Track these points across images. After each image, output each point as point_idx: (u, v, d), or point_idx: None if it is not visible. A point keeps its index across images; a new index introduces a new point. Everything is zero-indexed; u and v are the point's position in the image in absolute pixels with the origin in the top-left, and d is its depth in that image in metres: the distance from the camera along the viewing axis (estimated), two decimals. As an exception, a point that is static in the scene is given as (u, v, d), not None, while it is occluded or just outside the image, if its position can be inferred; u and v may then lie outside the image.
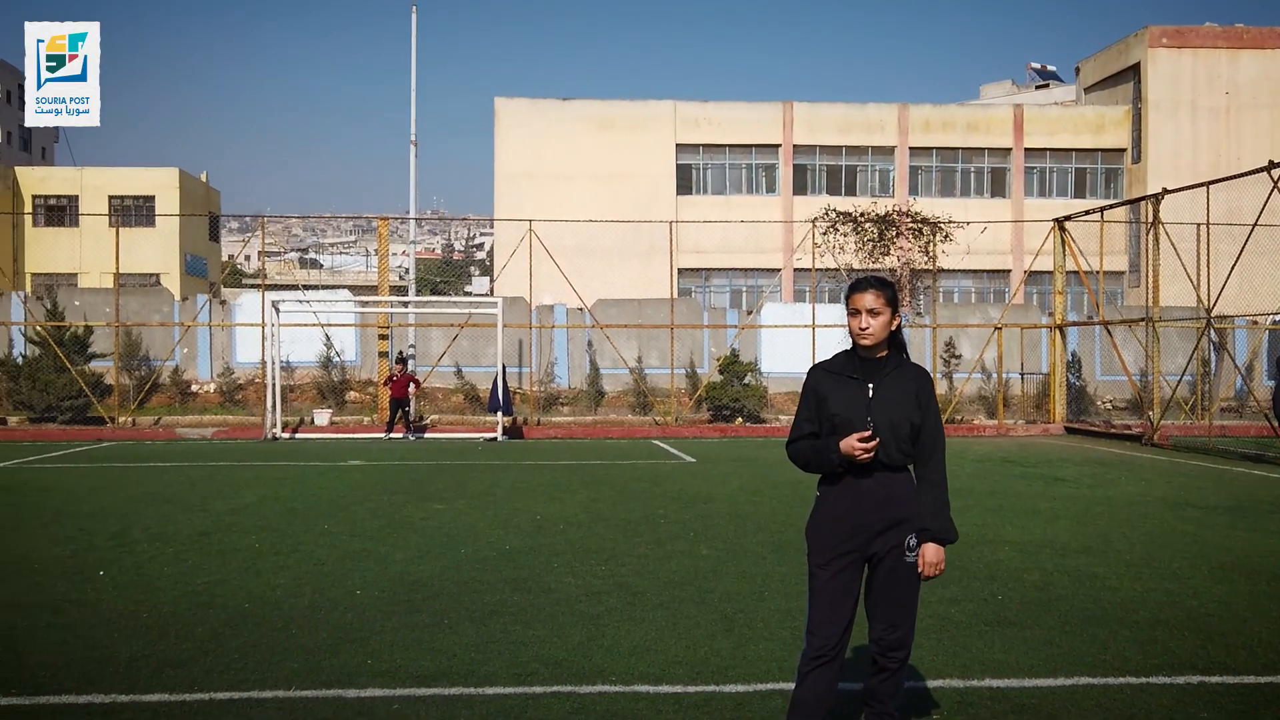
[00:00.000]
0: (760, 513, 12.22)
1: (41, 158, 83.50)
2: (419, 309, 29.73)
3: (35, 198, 48.19)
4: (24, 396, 25.96)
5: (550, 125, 39.91)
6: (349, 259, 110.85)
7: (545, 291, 29.91)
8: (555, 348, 30.75)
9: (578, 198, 37.84)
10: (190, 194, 49.73)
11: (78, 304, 29.89)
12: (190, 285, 46.20)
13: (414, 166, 28.55)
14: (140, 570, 8.75)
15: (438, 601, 7.66)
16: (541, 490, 14.40)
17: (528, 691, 5.67)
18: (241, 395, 29.13)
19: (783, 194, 41.12)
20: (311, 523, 11.37)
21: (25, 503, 12.94)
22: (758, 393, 27.69)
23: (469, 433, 25.51)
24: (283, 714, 5.28)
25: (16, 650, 6.33)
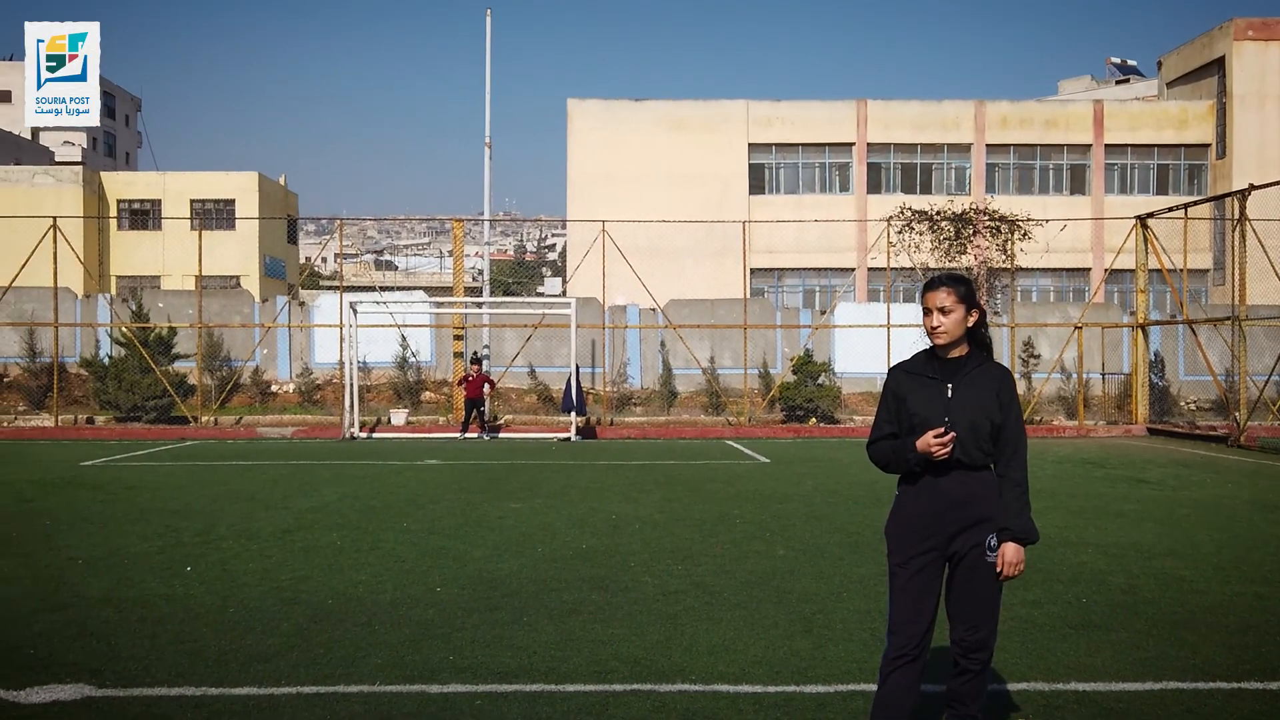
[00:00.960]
0: (836, 513, 12.14)
1: (125, 162, 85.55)
2: (493, 310, 29.96)
3: (120, 202, 49.34)
4: (111, 396, 26.59)
5: (623, 126, 40.00)
6: (422, 260, 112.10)
7: (618, 292, 30.00)
8: (628, 348, 30.82)
9: (650, 198, 37.88)
10: (269, 197, 50.60)
11: (161, 306, 30.55)
12: (269, 287, 47.00)
13: (488, 168, 28.79)
14: (226, 566, 8.92)
15: (517, 599, 7.72)
16: (616, 490, 14.44)
17: (608, 689, 5.69)
18: (320, 395, 29.57)
19: (857, 193, 40.82)
20: (390, 521, 11.51)
21: (114, 500, 13.25)
22: (832, 393, 27.51)
23: (543, 433, 25.65)
24: (368, 708, 5.36)
25: (110, 643, 6.48)
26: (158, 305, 30.47)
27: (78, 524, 11.22)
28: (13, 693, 5.51)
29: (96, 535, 10.49)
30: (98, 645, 6.43)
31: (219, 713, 5.27)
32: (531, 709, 5.39)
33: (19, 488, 14.35)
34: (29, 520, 11.44)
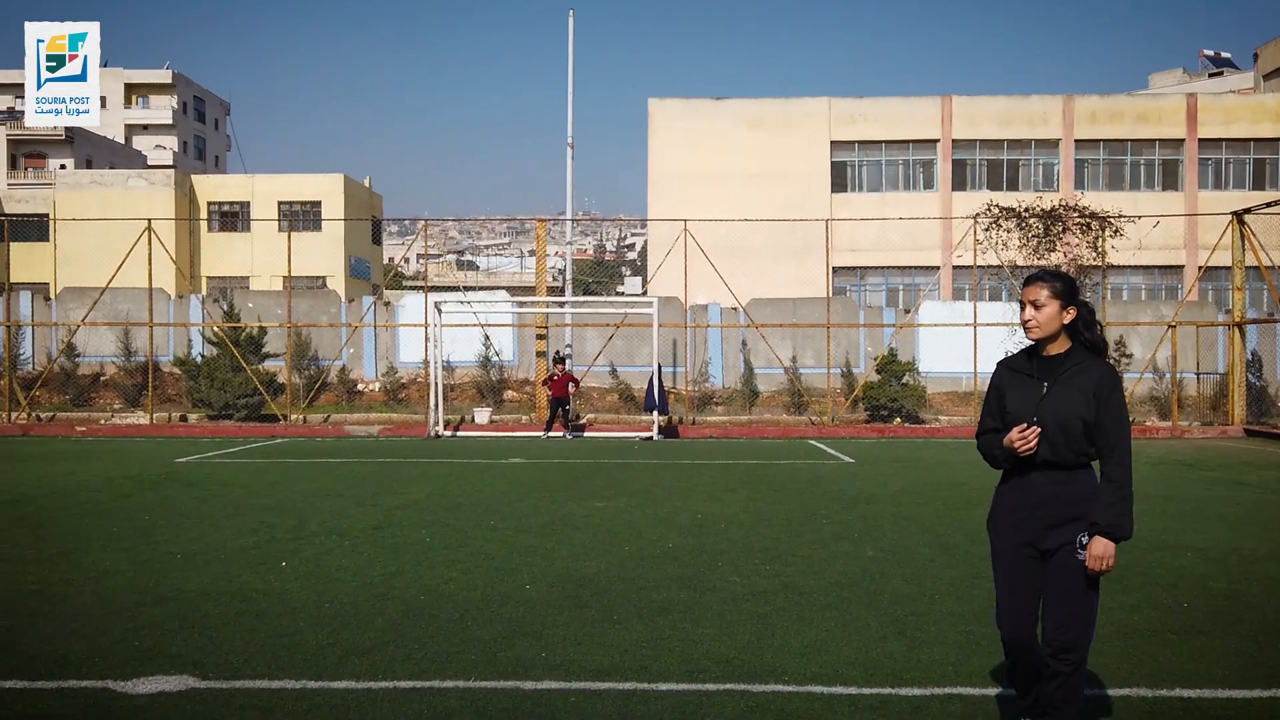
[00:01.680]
0: (924, 515, 12.00)
1: (215, 166, 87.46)
2: (576, 309, 30.10)
3: (210, 204, 50.46)
4: (203, 395, 27.19)
5: (703, 125, 39.94)
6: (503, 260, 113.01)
7: (699, 291, 29.95)
8: (709, 347, 30.77)
9: (731, 197, 37.76)
10: (354, 199, 51.39)
11: (251, 306, 31.17)
12: (354, 287, 47.72)
13: (570, 169, 28.95)
14: (319, 562, 9.06)
15: (606, 597, 7.73)
16: (700, 489, 14.42)
17: (701, 689, 5.67)
18: (404, 394, 29.94)
19: (941, 190, 40.31)
20: (478, 518, 11.61)
21: (209, 496, 13.54)
22: (916, 393, 27.20)
23: (625, 432, 25.71)
24: (464, 703, 5.40)
25: (211, 636, 6.62)
26: (247, 305, 31.09)
27: (175, 519, 11.48)
28: (121, 683, 5.65)
29: (193, 530, 10.72)
30: (199, 638, 6.57)
31: (319, 705, 5.35)
32: (625, 707, 5.39)
33: (118, 483, 14.72)
34: (128, 515, 11.73)
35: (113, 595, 7.74)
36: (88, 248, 41.22)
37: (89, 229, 39.01)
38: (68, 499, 13.13)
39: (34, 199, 50.41)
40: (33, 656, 6.14)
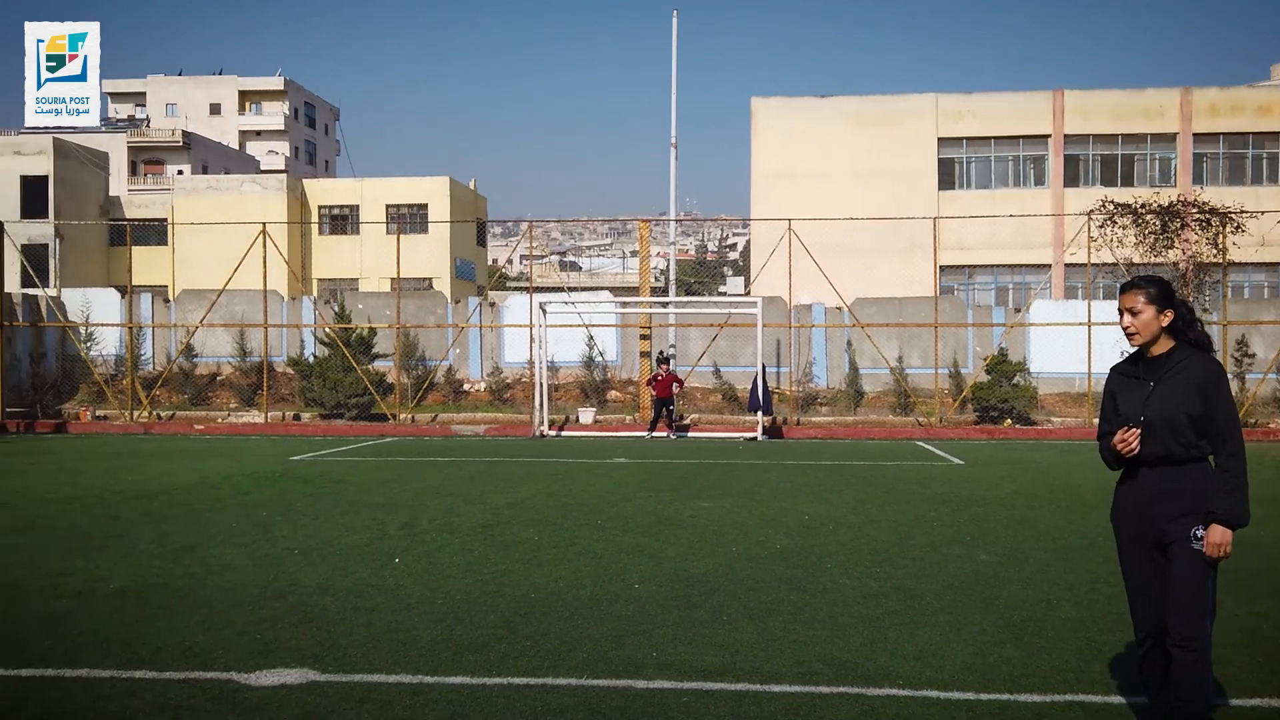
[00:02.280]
0: (1039, 517, 11.75)
1: (325, 170, 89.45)
2: (679, 309, 30.10)
3: (321, 208, 51.59)
4: (316, 394, 27.81)
5: (807, 123, 39.63)
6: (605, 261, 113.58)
7: (803, 290, 29.72)
8: (813, 347, 30.52)
9: (835, 195, 37.40)
10: (459, 201, 52.09)
11: (361, 307, 31.78)
12: (459, 289, 48.37)
13: (674, 169, 28.94)
14: (431, 559, 9.19)
15: (715, 598, 7.71)
16: (806, 490, 14.31)
17: (814, 691, 5.62)
18: (509, 394, 30.25)
19: (1052, 186, 39.42)
20: (585, 518, 11.67)
21: (323, 493, 13.83)
22: (1028, 393, 26.66)
23: (728, 432, 25.64)
24: (577, 701, 5.43)
25: (329, 630, 6.76)
26: (357, 307, 31.70)
27: (291, 515, 11.75)
28: (244, 675, 5.80)
29: (309, 527, 10.96)
30: (318, 632, 6.71)
31: (435, 700, 5.42)
32: (738, 708, 5.36)
33: (236, 481, 15.13)
34: (247, 512, 12.04)
35: (235, 589, 7.95)
36: (204, 251, 42.47)
37: (205, 232, 40.17)
38: (189, 495, 13.52)
39: (153, 204, 52.05)
40: (160, 648, 6.34)
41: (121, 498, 13.20)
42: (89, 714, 5.19)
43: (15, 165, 46.88)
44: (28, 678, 5.76)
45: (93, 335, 30.52)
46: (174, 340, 31.63)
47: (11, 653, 6.23)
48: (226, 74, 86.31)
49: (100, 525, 10.97)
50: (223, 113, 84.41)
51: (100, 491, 13.81)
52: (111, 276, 47.16)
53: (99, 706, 5.30)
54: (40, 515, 11.67)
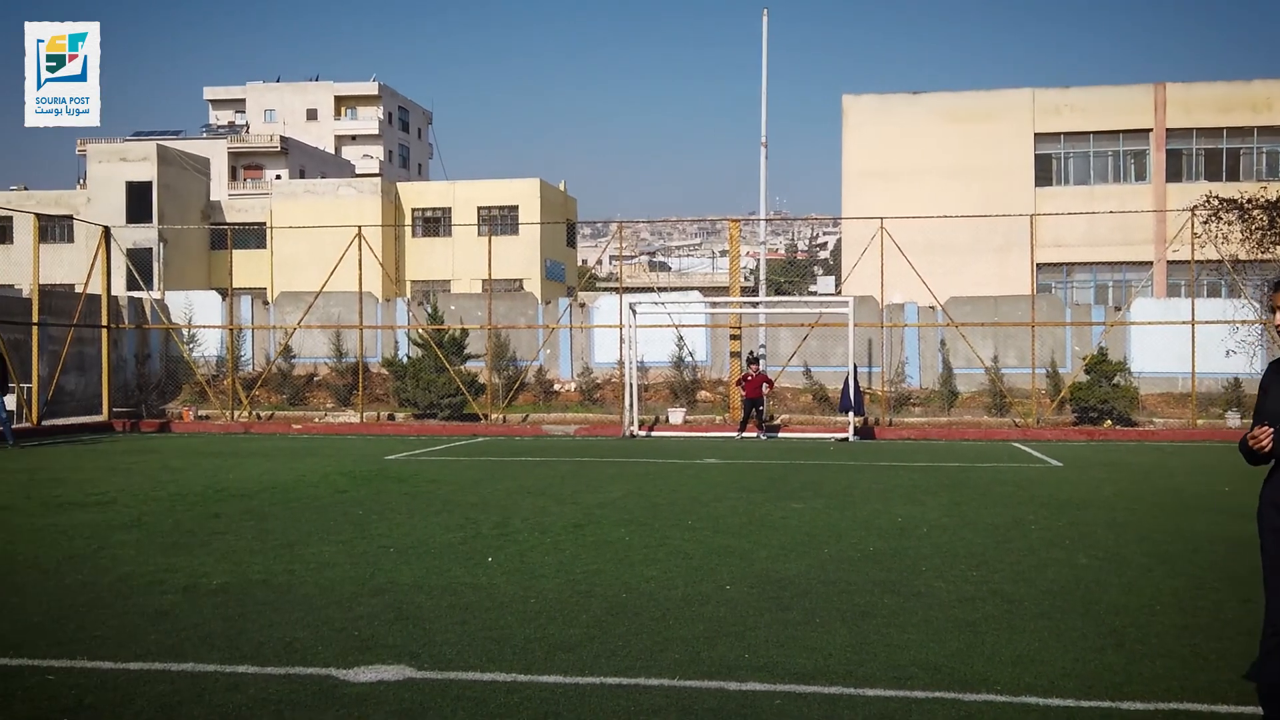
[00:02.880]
0: (1141, 521, 11.46)
1: (418, 173, 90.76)
2: (769, 309, 29.96)
3: (414, 210, 52.37)
4: (409, 394, 28.22)
5: (899, 121, 39.17)
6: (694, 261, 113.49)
7: (895, 290, 29.37)
8: (906, 347, 30.16)
9: (927, 193, 36.91)
10: (549, 202, 52.47)
11: (453, 308, 32.16)
12: (549, 289, 48.71)
13: (764, 168, 28.83)
14: (524, 558, 9.26)
15: (807, 600, 7.66)
16: (900, 492, 14.14)
17: (909, 695, 5.55)
18: (599, 394, 30.38)
19: (1154, 182, 38.43)
20: (676, 518, 11.67)
21: (417, 492, 14.02)
22: (1128, 394, 26.04)
23: (819, 433, 25.45)
24: (670, 701, 5.43)
25: (425, 627, 6.84)
26: (450, 308, 32.08)
27: (386, 514, 11.93)
28: (343, 671, 5.90)
29: (404, 525, 11.12)
30: (414, 629, 6.80)
31: (529, 699, 5.46)
32: (831, 711, 5.32)
33: (333, 479, 15.41)
34: (344, 510, 12.26)
35: (332, 586, 8.10)
36: (302, 254, 43.35)
37: (302, 236, 40.98)
38: (288, 493, 13.81)
39: (252, 208, 53.32)
40: (261, 643, 6.47)
41: (223, 496, 13.53)
42: (194, 707, 5.32)
43: (121, 172, 48.34)
44: (136, 671, 5.92)
45: (195, 337, 31.32)
46: (273, 341, 32.33)
47: (121, 646, 6.41)
48: (323, 80, 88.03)
49: (203, 523, 11.25)
50: (319, 118, 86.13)
51: (202, 490, 14.16)
52: (213, 279, 48.41)
53: (204, 700, 5.43)
54: (145, 512, 12.01)
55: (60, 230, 47.61)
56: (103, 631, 6.75)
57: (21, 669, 5.95)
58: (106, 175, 48.58)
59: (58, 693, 5.54)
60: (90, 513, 12.01)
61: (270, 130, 79.21)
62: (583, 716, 5.21)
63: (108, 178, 48.47)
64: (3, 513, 12.04)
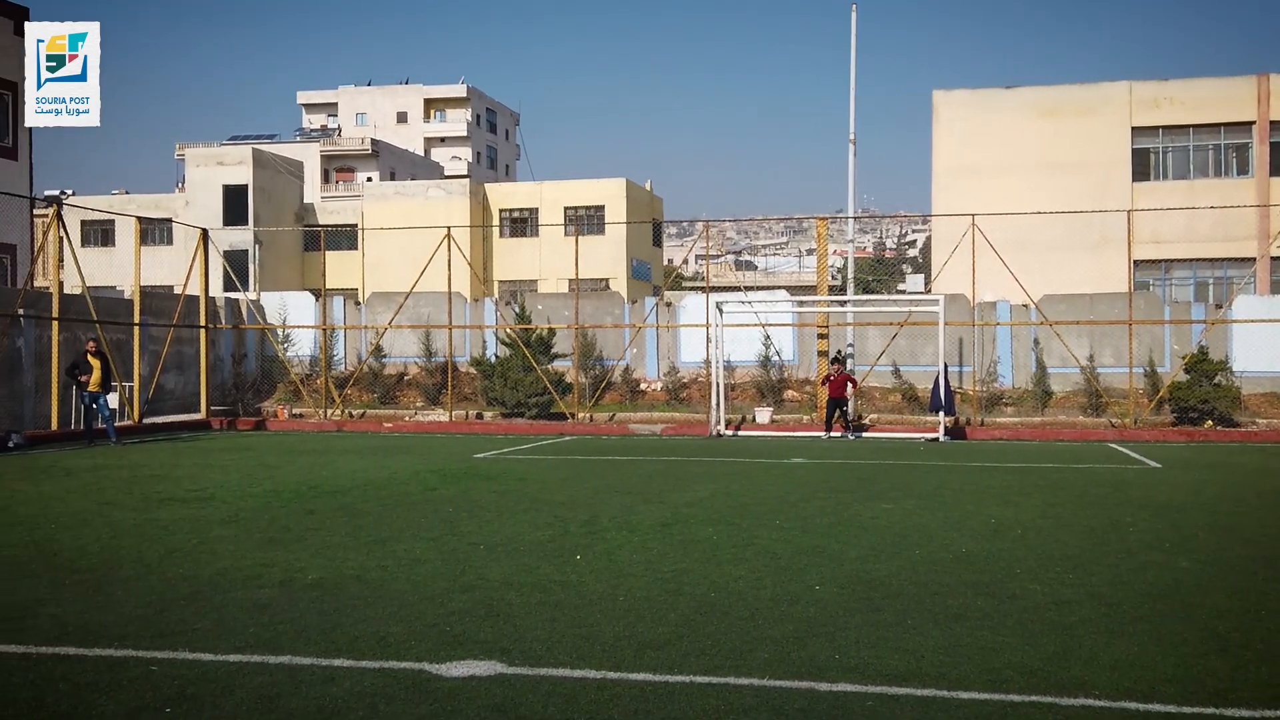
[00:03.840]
0: (1245, 524, 11.14)
1: (505, 174, 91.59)
2: (857, 308, 29.69)
3: (501, 211, 52.86)
4: (497, 393, 28.48)
5: (991, 116, 38.52)
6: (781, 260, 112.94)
7: (987, 288, 28.91)
8: (998, 346, 29.67)
9: (1020, 189, 36.24)
10: (636, 202, 52.59)
11: (540, 308, 32.39)
12: (635, 289, 48.82)
13: (852, 166, 28.57)
14: (611, 556, 9.29)
15: (898, 601, 7.57)
16: (992, 493, 13.92)
17: (1004, 699, 5.45)
18: (686, 394, 30.36)
19: (1257, 176, 37.26)
20: (763, 518, 11.61)
21: (506, 490, 14.14)
22: (1230, 394, 25.32)
23: (909, 433, 25.16)
24: (760, 701, 5.40)
25: (515, 624, 6.89)
26: (537, 308, 32.31)
27: (475, 511, 12.05)
28: (435, 665, 5.97)
29: (493, 523, 11.22)
30: (505, 625, 6.85)
31: (619, 696, 5.47)
32: (925, 714, 5.24)
33: (423, 477, 15.61)
34: (434, 507, 12.41)
35: (424, 582, 8.20)
36: (392, 255, 44.00)
37: (393, 237, 41.61)
38: (380, 490, 14.02)
39: (344, 210, 54.27)
40: (356, 637, 6.57)
41: (317, 492, 13.78)
42: (291, 699, 5.42)
43: (218, 175, 49.52)
44: (235, 663, 6.05)
45: (289, 337, 31.96)
46: (364, 341, 32.85)
47: (220, 639, 6.56)
48: (412, 83, 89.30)
49: (298, 519, 11.47)
50: (409, 121, 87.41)
51: (297, 486, 14.44)
52: (306, 280, 49.37)
53: (301, 692, 5.52)
54: (243, 508, 12.27)
55: (160, 233, 48.92)
56: (203, 624, 6.91)
57: (126, 659, 6.12)
58: (204, 179, 49.81)
59: (161, 683, 5.68)
60: (190, 508, 12.31)
61: (361, 133, 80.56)
62: (673, 714, 5.21)
63: (205, 181, 49.70)
64: (107, 508, 12.40)
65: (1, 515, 11.83)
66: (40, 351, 24.14)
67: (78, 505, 12.66)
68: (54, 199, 31.87)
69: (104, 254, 49.27)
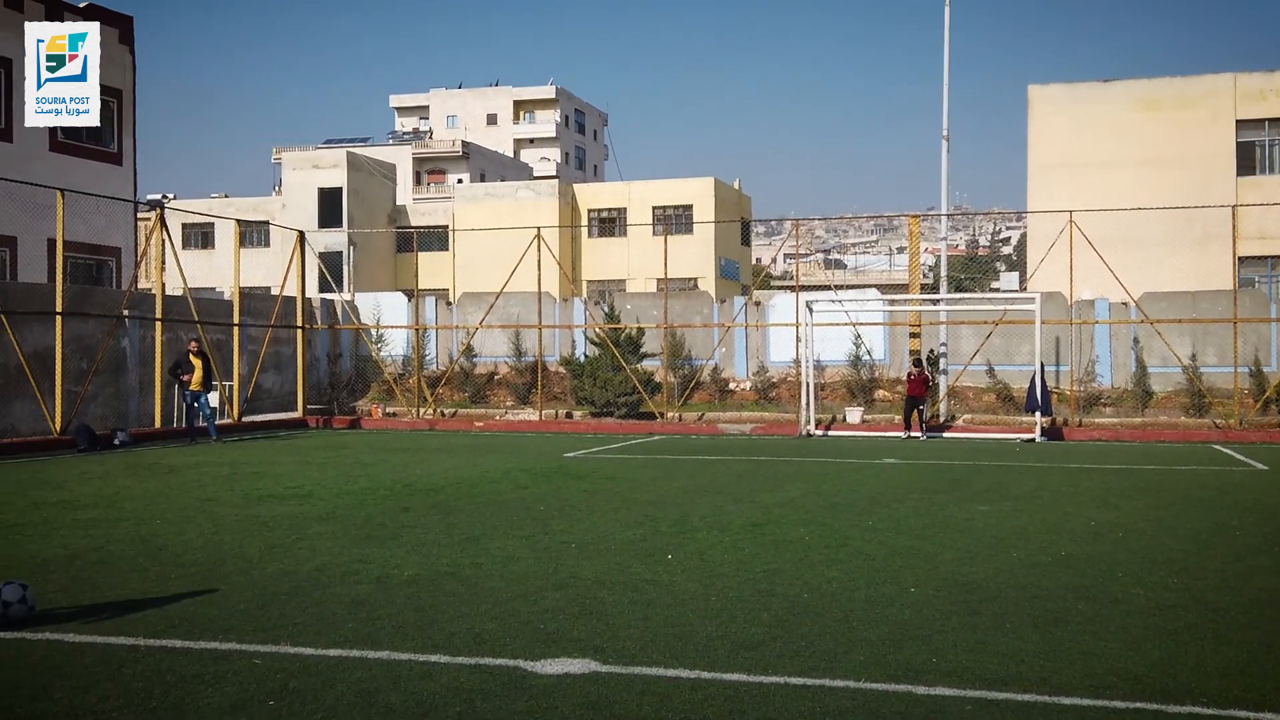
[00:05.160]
0: (1359, 529, 10.75)
1: (594, 174, 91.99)
2: (950, 307, 29.26)
3: (590, 211, 53.09)
4: (586, 393, 28.61)
5: (1089, 110, 37.67)
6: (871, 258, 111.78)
7: (1084, 285, 28.29)
8: (1096, 345, 29.02)
9: (1118, 185, 35.38)
10: (724, 201, 52.45)
11: (629, 308, 32.45)
12: (723, 288, 48.67)
13: (945, 162, 28.19)
14: (703, 556, 9.27)
15: (996, 604, 7.44)
16: (1092, 495, 13.62)
17: (1108, 705, 5.33)
18: (775, 393, 30.20)
19: (1370, 168, 35.96)
20: (855, 518, 11.51)
21: (596, 489, 14.20)
22: (1340, 394, 24.47)
23: (1004, 433, 24.74)
24: (856, 704, 5.34)
25: (608, 622, 6.91)
26: (625, 307, 32.38)
27: (566, 510, 12.12)
28: (530, 663, 6.01)
29: (584, 521, 11.27)
30: (597, 624, 6.88)
31: (713, 696, 5.45)
32: (1026, 719, 5.14)
33: (515, 475, 15.74)
34: (526, 506, 12.50)
35: (517, 579, 8.26)
36: (482, 255, 44.42)
37: (483, 237, 42.01)
38: (472, 489, 14.17)
39: (435, 212, 54.97)
40: (452, 633, 6.65)
41: (411, 490, 13.97)
42: (390, 694, 5.49)
43: (313, 179, 50.48)
44: (335, 658, 6.15)
45: (383, 337, 32.44)
46: (455, 341, 33.22)
47: (320, 633, 6.68)
48: (502, 85, 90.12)
49: (393, 516, 11.64)
50: (498, 122, 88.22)
51: (391, 484, 14.66)
52: (398, 281, 50.09)
53: (399, 687, 5.60)
54: (339, 505, 12.49)
55: (257, 235, 50.00)
56: (303, 619, 7.04)
57: (230, 653, 6.26)
58: (300, 182, 50.80)
59: (264, 676, 5.80)
60: (288, 505, 12.56)
61: (452, 135, 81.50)
62: (768, 716, 5.17)
63: (301, 184, 50.69)
64: (209, 504, 12.70)
65: (110, 511, 12.19)
66: (144, 351, 24.82)
67: (181, 501, 13.00)
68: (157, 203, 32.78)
69: (204, 256, 50.51)
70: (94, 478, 15.62)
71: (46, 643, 6.48)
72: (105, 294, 25.71)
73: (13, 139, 28.01)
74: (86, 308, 23.42)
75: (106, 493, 13.80)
